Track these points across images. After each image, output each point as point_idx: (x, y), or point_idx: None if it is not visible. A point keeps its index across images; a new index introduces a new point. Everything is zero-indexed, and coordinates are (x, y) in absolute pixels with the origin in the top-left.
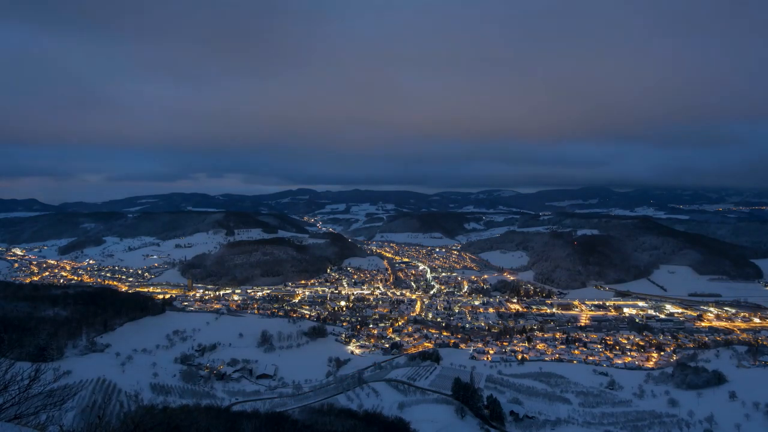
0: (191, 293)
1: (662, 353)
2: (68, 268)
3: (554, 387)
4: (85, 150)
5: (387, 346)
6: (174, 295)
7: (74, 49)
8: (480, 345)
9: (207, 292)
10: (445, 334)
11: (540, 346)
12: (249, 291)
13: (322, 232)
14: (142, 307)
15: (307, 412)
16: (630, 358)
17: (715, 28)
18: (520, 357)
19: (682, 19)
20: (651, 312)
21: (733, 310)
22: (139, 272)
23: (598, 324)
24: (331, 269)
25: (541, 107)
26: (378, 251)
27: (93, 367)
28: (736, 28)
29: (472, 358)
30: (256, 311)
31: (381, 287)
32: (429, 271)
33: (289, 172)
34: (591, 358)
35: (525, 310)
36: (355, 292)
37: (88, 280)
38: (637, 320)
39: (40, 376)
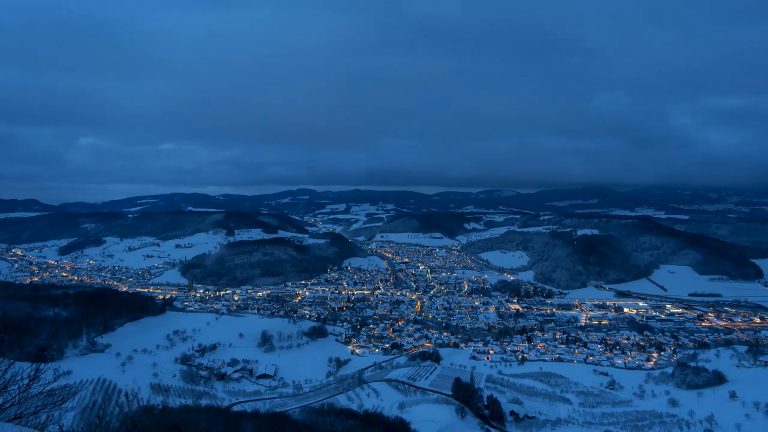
0: (191, 293)
1: (662, 353)
2: (68, 268)
3: (554, 387)
4: None
5: (387, 346)
6: (174, 296)
7: None
8: (480, 345)
9: (207, 292)
10: (445, 334)
11: (540, 346)
12: (249, 291)
13: (323, 232)
14: (142, 307)
15: (307, 412)
16: (630, 358)
17: None
18: (520, 357)
19: None
20: (651, 312)
21: (734, 310)
22: (140, 272)
23: (599, 324)
24: (331, 269)
25: None
26: (378, 251)
27: (93, 367)
28: None
29: (473, 358)
30: (256, 311)
31: (381, 287)
32: (429, 271)
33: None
34: (591, 358)
35: (525, 310)
36: (355, 292)
37: (88, 281)
38: (637, 320)
39: (40, 376)
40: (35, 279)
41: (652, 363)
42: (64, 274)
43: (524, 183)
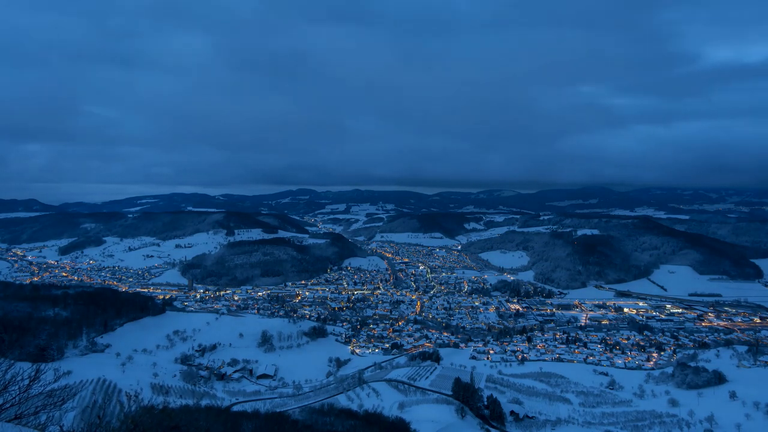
0: (191, 293)
1: (662, 353)
2: (68, 268)
3: (554, 387)
4: None
5: (387, 346)
6: (174, 296)
7: None
8: (480, 345)
9: (207, 292)
10: (445, 334)
11: (540, 346)
12: (249, 291)
13: (323, 232)
14: (142, 307)
15: (307, 412)
16: (630, 358)
17: None
18: (520, 357)
19: None
20: (651, 312)
21: (734, 310)
22: (140, 272)
23: (599, 324)
24: (331, 269)
25: None
26: (378, 251)
27: (93, 367)
28: None
29: (473, 358)
30: (256, 311)
31: (381, 287)
32: (429, 271)
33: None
34: (591, 358)
35: (525, 310)
36: (355, 292)
37: (88, 281)
38: (637, 320)
39: (40, 376)
40: (35, 279)
41: (652, 363)
42: (64, 274)
43: (524, 183)
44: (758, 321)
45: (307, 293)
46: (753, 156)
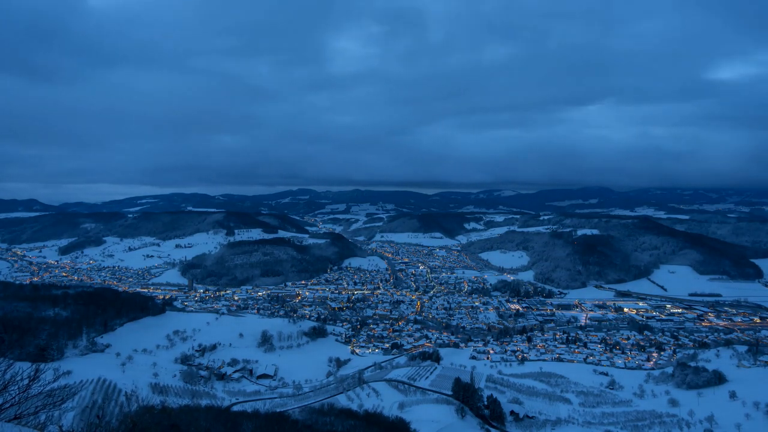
0: (191, 293)
1: (662, 353)
2: (68, 268)
3: (554, 387)
4: None
5: (387, 346)
6: (174, 296)
7: None
8: (480, 345)
9: (207, 292)
10: (445, 334)
11: (540, 346)
12: (249, 291)
13: (323, 232)
14: (142, 307)
15: (307, 412)
16: (630, 358)
17: None
18: (520, 357)
19: None
20: (651, 312)
21: (734, 310)
22: (140, 272)
23: (599, 324)
24: (331, 269)
25: None
26: (378, 251)
27: (93, 367)
28: None
29: (473, 358)
30: (256, 311)
31: (381, 287)
32: (429, 271)
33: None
34: (591, 358)
35: (525, 310)
36: (355, 292)
37: (88, 281)
38: (637, 320)
39: (40, 376)
40: (35, 279)
41: (652, 363)
42: (64, 274)
43: (524, 183)
44: (758, 321)
45: (307, 293)
46: None
